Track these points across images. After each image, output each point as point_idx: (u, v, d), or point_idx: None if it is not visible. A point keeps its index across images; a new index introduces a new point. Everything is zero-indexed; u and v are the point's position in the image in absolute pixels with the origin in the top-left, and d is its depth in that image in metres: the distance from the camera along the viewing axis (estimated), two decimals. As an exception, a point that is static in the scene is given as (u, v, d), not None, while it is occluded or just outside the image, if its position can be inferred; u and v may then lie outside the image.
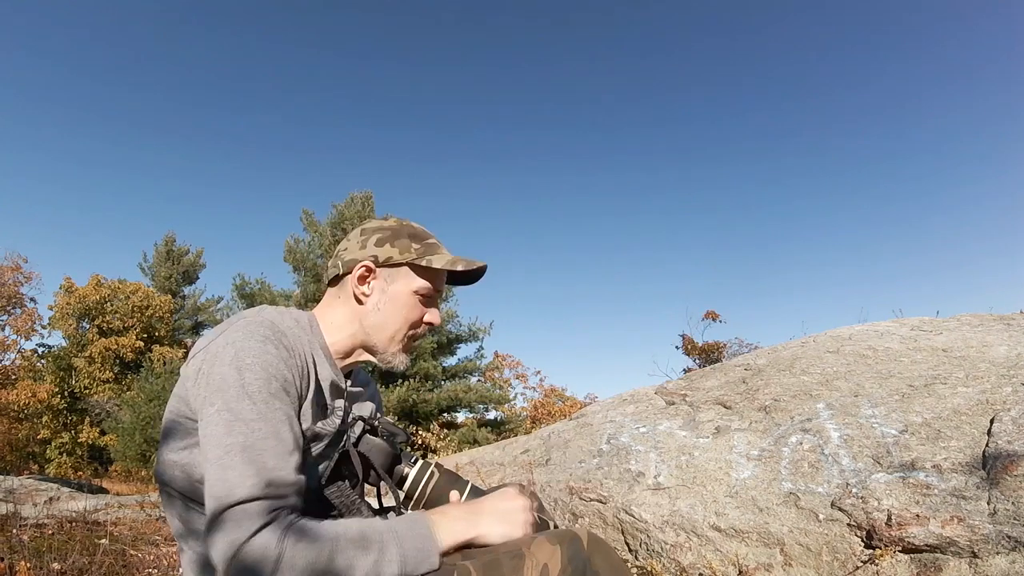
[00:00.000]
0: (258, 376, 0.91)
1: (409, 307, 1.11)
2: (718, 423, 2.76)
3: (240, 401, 0.89)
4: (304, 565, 0.82)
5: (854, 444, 2.25)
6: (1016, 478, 1.83)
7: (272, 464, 0.87)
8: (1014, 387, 2.36)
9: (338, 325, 1.11)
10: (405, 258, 1.10)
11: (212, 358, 0.93)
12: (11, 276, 22.33)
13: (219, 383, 0.90)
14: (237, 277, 17.20)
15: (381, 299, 1.11)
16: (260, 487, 0.84)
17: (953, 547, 1.77)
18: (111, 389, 21.53)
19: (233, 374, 0.90)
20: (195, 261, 27.75)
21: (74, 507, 5.09)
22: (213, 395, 0.90)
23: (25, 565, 2.48)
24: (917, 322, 3.76)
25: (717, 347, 12.66)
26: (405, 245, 1.11)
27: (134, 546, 3.38)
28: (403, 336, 1.12)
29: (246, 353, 0.92)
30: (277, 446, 0.89)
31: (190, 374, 0.96)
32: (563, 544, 0.91)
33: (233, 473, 0.84)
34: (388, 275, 1.11)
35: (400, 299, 1.11)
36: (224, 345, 0.94)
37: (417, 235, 1.14)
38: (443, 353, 18.23)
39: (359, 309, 1.11)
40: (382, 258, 1.11)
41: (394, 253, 1.11)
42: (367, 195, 17.80)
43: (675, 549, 2.18)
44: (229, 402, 0.89)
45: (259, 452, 0.87)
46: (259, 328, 0.96)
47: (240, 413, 0.88)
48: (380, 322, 1.11)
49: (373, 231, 1.14)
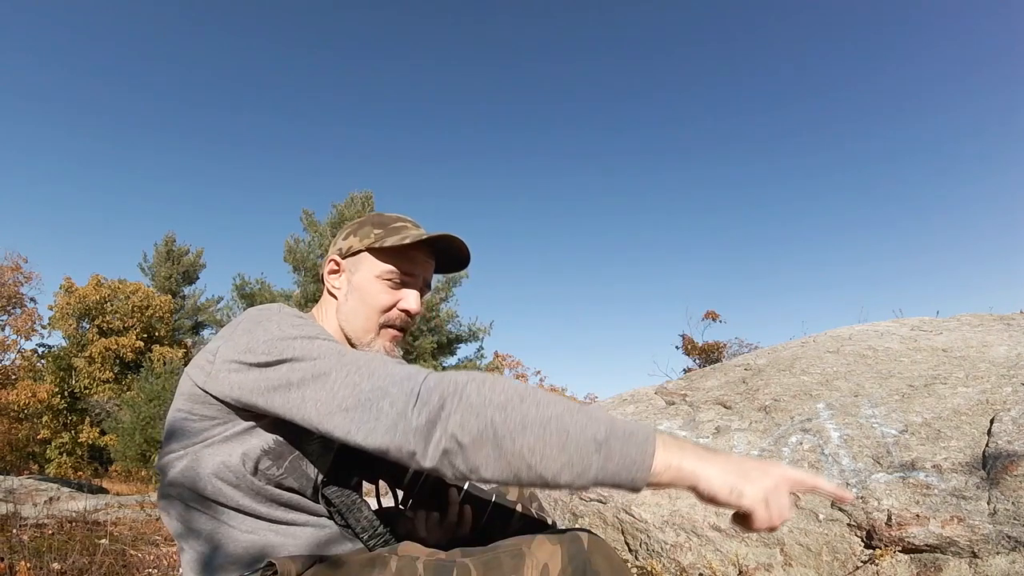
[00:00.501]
0: (314, 331, 0.93)
1: (374, 293, 1.09)
2: (718, 423, 2.76)
3: (320, 348, 0.89)
4: (511, 390, 0.78)
5: (854, 444, 2.25)
6: (1016, 478, 1.83)
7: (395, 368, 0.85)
8: (1014, 387, 2.36)
9: (327, 321, 1.12)
10: (364, 244, 1.10)
11: (245, 339, 0.92)
12: (11, 276, 22.35)
13: (281, 349, 0.88)
14: (237, 277, 17.22)
15: (348, 290, 1.11)
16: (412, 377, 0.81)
17: (953, 547, 1.77)
18: (111, 389, 21.52)
19: (287, 339, 0.90)
20: (195, 261, 27.75)
21: (74, 507, 5.09)
22: (277, 364, 0.88)
23: (25, 565, 2.48)
24: (917, 322, 3.77)
25: (717, 347, 12.66)
26: (366, 232, 1.11)
27: (134, 546, 3.38)
28: (374, 324, 1.09)
29: (286, 323, 0.93)
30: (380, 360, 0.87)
31: (212, 365, 0.94)
32: (564, 544, 0.91)
33: (384, 382, 0.82)
34: (351, 265, 1.12)
35: (364, 286, 1.10)
36: (251, 328, 0.93)
37: (382, 222, 1.12)
38: (443, 353, 18.23)
39: (334, 304, 1.12)
40: (345, 249, 1.12)
41: (355, 242, 1.11)
42: (367, 195, 17.80)
43: (675, 549, 2.18)
44: (310, 356, 0.87)
45: (378, 364, 0.85)
46: (280, 311, 0.99)
47: (329, 356, 0.87)
48: (350, 312, 1.10)
49: (347, 227, 1.15)
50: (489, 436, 0.75)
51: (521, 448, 0.74)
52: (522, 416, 0.76)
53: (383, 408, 0.79)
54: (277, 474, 0.96)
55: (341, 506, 1.01)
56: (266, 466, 0.96)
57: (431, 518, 1.13)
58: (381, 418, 0.79)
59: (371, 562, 0.94)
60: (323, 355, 0.87)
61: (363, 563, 0.94)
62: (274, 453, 0.96)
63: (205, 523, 0.96)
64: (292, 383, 0.86)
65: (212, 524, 0.96)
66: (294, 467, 0.98)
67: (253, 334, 0.92)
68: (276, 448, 0.96)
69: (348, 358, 0.87)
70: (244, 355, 0.90)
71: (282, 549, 0.96)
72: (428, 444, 0.76)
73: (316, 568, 0.94)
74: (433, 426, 0.76)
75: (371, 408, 0.80)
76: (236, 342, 0.93)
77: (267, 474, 0.96)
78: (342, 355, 0.88)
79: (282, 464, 0.97)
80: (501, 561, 0.90)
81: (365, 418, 0.80)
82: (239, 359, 0.91)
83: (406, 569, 0.91)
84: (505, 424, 0.75)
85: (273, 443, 0.96)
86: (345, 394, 0.82)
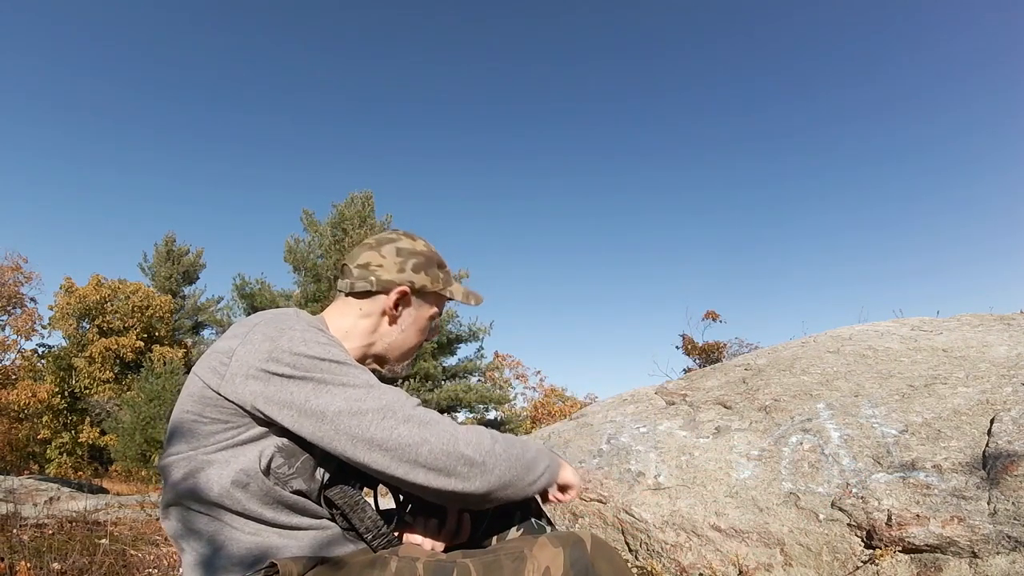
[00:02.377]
0: (333, 353, 0.97)
1: (425, 330, 1.21)
2: (718, 423, 2.76)
3: (349, 376, 0.95)
4: (507, 443, 1.00)
5: (854, 444, 2.25)
6: (1016, 478, 1.83)
7: (414, 410, 0.96)
8: (1014, 387, 2.36)
9: (354, 334, 1.13)
10: (435, 288, 1.18)
11: (268, 346, 0.94)
12: (11, 276, 22.33)
13: (304, 365, 0.93)
14: (237, 277, 17.24)
15: (407, 321, 1.17)
16: (426, 428, 0.93)
17: (953, 547, 1.77)
18: (111, 389, 21.52)
19: (318, 359, 0.94)
20: (195, 261, 27.74)
21: (74, 507, 5.09)
22: (302, 381, 0.92)
23: (25, 565, 2.48)
24: (917, 322, 3.77)
25: (717, 347, 12.66)
26: (435, 275, 1.18)
27: (134, 546, 3.38)
28: (414, 354, 1.24)
29: (310, 339, 0.97)
30: (401, 395, 0.97)
31: (227, 367, 0.94)
32: (566, 547, 0.91)
33: (403, 431, 0.93)
34: (419, 302, 1.18)
35: (420, 323, 1.20)
36: (270, 335, 0.95)
37: (442, 264, 1.22)
38: (443, 353, 18.24)
39: (384, 327, 1.16)
40: (418, 285, 1.16)
41: (427, 282, 1.17)
42: (367, 195, 17.79)
43: (675, 549, 2.18)
44: (338, 381, 0.94)
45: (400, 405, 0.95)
46: (297, 321, 1.01)
47: (359, 386, 0.95)
48: (401, 341, 1.18)
49: (409, 254, 1.16)
50: (507, 481, 0.98)
51: (526, 489, 1.02)
52: (525, 462, 1.03)
53: (421, 453, 0.92)
54: (288, 472, 0.97)
55: (344, 507, 1.01)
56: (278, 464, 0.96)
57: (431, 523, 1.13)
58: (420, 459, 0.92)
59: (372, 563, 0.94)
60: (354, 384, 0.94)
61: (364, 564, 0.94)
62: (286, 451, 0.97)
63: (207, 525, 0.96)
64: (326, 414, 0.91)
65: (214, 526, 0.96)
66: (304, 468, 0.98)
67: (276, 342, 0.93)
68: (287, 447, 0.97)
69: (379, 396, 0.95)
70: (267, 363, 0.92)
71: (284, 551, 0.96)
72: (467, 483, 0.94)
73: (318, 569, 0.94)
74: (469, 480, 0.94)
75: (409, 451, 0.92)
76: (256, 347, 0.93)
77: (278, 473, 0.96)
78: (371, 388, 0.95)
79: (293, 464, 0.97)
80: (502, 563, 0.90)
81: (405, 457, 0.92)
82: (262, 367, 0.92)
83: (406, 570, 0.91)
84: (516, 471, 0.99)
85: (284, 444, 0.97)
86: (384, 436, 0.92)
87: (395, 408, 0.93)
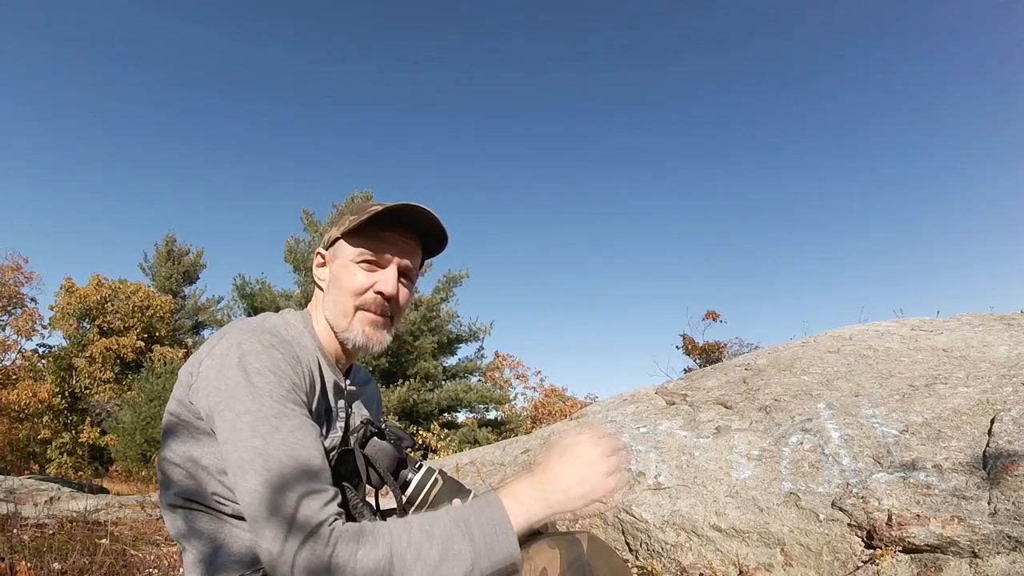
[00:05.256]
0: (268, 380, 0.91)
1: (348, 277, 1.07)
2: (718, 423, 2.76)
3: (253, 402, 0.88)
4: (366, 572, 0.79)
5: (854, 444, 2.25)
6: (1016, 478, 1.83)
7: (304, 466, 0.86)
8: (1014, 387, 2.36)
9: (319, 320, 1.12)
10: (340, 231, 1.09)
11: (218, 362, 0.93)
12: (11, 276, 22.34)
13: (230, 387, 0.90)
14: (237, 277, 17.24)
15: (330, 279, 1.11)
16: (297, 496, 0.82)
17: (953, 547, 1.76)
18: (112, 389, 21.54)
19: (241, 378, 0.90)
20: (195, 261, 27.76)
21: (75, 507, 5.09)
22: (225, 400, 0.90)
23: (26, 565, 2.48)
24: (917, 322, 3.76)
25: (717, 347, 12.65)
26: (343, 220, 1.10)
27: (135, 546, 3.38)
28: (350, 308, 1.07)
29: (253, 357, 0.92)
30: (301, 445, 0.88)
31: (194, 378, 0.96)
32: (563, 548, 0.90)
33: (260, 480, 0.84)
34: (332, 254, 1.12)
35: (340, 272, 1.09)
36: (228, 348, 0.93)
37: (359, 208, 1.08)
38: (443, 353, 18.24)
39: (319, 296, 1.14)
40: (327, 240, 1.13)
41: (334, 231, 1.11)
42: (367, 195, 17.81)
43: (675, 549, 2.18)
44: (241, 405, 0.88)
45: (290, 456, 0.86)
46: (264, 335, 0.96)
47: (258, 414, 0.88)
48: (331, 301, 1.10)
49: (330, 225, 1.15)
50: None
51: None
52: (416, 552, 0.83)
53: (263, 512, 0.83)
54: None
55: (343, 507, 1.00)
56: None
57: None
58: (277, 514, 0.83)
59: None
60: (248, 411, 0.88)
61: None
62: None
63: (207, 523, 0.96)
64: (227, 431, 0.88)
65: (215, 524, 0.96)
66: None
67: (226, 358, 0.92)
68: None
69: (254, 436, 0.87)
70: (214, 379, 0.92)
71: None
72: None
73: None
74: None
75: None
76: (212, 362, 0.94)
77: None
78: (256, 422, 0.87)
79: None
80: (501, 564, 0.89)
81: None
82: (210, 382, 0.92)
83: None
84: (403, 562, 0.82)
85: None
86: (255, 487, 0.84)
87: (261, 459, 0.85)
